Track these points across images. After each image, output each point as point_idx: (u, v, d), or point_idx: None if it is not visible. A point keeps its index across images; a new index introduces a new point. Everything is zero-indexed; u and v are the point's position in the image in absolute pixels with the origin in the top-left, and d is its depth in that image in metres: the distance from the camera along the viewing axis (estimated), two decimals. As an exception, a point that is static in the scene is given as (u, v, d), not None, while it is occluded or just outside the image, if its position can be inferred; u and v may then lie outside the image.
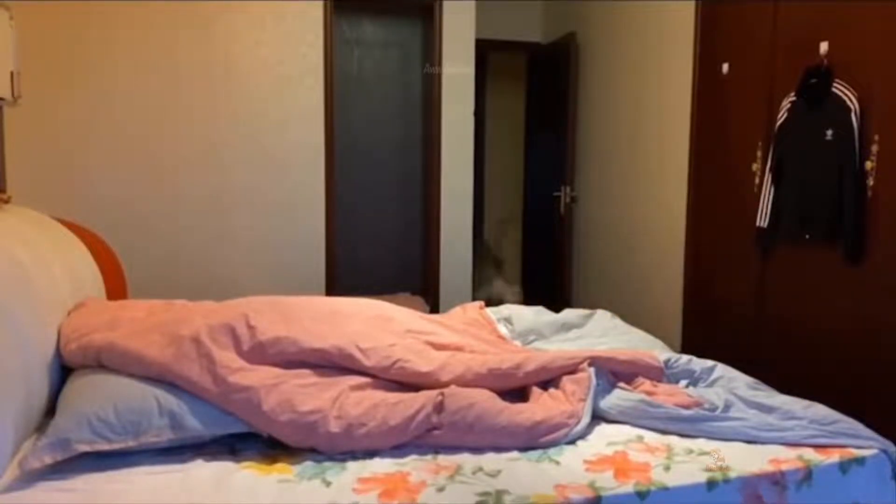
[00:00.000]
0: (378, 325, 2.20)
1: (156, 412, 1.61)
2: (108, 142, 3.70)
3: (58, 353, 1.86)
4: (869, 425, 1.84)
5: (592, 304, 3.59)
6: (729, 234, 3.31)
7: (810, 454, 1.70)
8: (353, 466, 1.60)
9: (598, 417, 1.90)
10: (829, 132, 2.63)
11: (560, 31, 5.30)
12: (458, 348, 2.17)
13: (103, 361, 1.79)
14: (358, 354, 1.94)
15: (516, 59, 6.26)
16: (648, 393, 1.98)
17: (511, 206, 6.50)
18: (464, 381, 1.93)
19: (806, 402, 1.94)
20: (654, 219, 4.05)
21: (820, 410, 1.89)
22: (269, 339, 1.91)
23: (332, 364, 1.93)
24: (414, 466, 1.61)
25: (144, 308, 2.17)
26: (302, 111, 4.03)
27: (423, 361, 1.98)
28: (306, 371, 1.88)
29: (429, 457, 1.67)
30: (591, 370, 1.99)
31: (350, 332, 2.05)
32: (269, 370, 1.83)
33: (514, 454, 1.69)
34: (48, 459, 1.46)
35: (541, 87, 5.63)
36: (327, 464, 1.61)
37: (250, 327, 1.92)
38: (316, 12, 3.99)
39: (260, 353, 1.88)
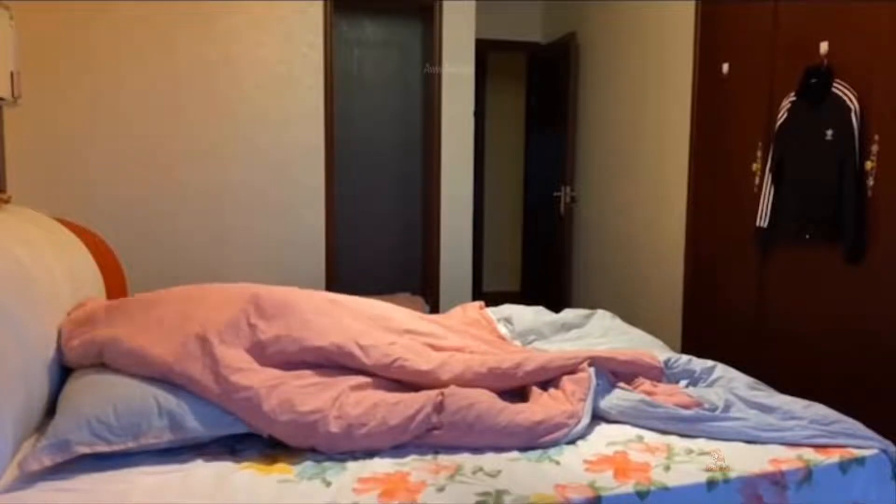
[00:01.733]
0: (378, 324, 2.20)
1: (155, 413, 1.61)
2: (108, 142, 3.70)
3: (58, 352, 1.86)
4: (869, 425, 1.84)
5: (592, 304, 3.59)
6: (729, 234, 3.31)
7: (810, 454, 1.70)
8: (353, 466, 1.60)
9: (598, 417, 1.89)
10: (829, 132, 2.63)
11: (560, 31, 5.30)
12: (458, 350, 2.17)
13: (105, 359, 1.79)
14: (358, 352, 1.95)
15: (516, 59, 6.27)
16: (648, 393, 1.98)
17: (511, 207, 6.51)
18: (463, 380, 1.93)
19: (806, 402, 1.94)
20: (654, 219, 4.05)
21: (820, 410, 1.89)
22: (270, 337, 1.91)
23: (331, 362, 1.93)
24: (414, 466, 1.61)
25: (145, 302, 2.14)
26: (302, 111, 4.03)
27: (423, 360, 1.99)
28: (307, 372, 1.89)
29: (429, 457, 1.67)
30: (591, 370, 1.99)
31: (350, 330, 2.05)
32: (270, 372, 1.83)
33: (514, 454, 1.69)
34: (48, 461, 1.46)
35: (541, 87, 5.63)
36: (327, 464, 1.61)
37: (251, 325, 1.93)
38: (316, 12, 3.99)
39: (260, 352, 1.89)
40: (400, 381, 1.96)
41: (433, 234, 4.50)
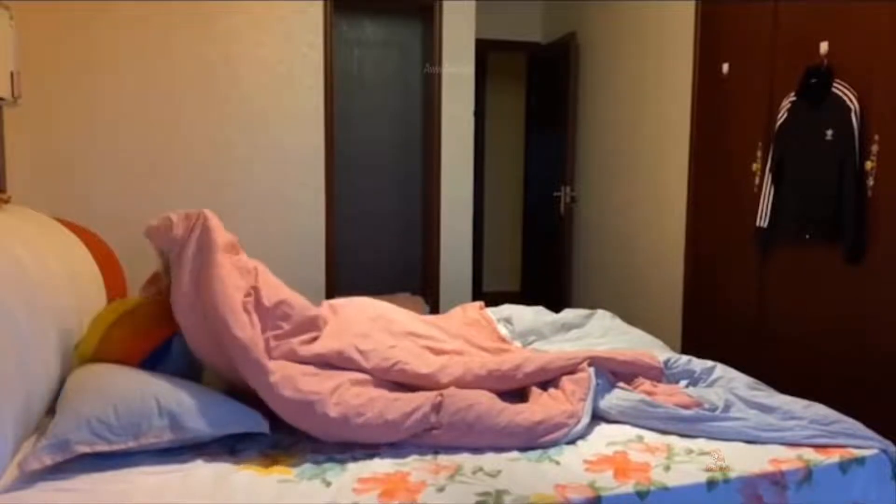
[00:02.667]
0: (379, 325, 2.20)
1: (155, 413, 1.61)
2: (108, 142, 3.70)
3: (57, 350, 1.85)
4: (869, 425, 1.84)
5: (592, 304, 3.59)
6: (729, 234, 3.31)
7: (810, 454, 1.71)
8: (353, 466, 1.60)
9: (598, 417, 1.90)
10: (829, 132, 2.63)
11: (560, 31, 5.30)
12: (457, 353, 2.18)
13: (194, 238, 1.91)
14: (357, 356, 1.96)
15: (516, 59, 6.27)
16: (648, 393, 1.98)
17: (511, 207, 6.51)
18: (463, 383, 1.94)
19: (806, 402, 1.94)
20: (654, 219, 4.05)
21: (820, 410, 1.89)
22: (272, 346, 1.93)
23: (331, 367, 1.95)
24: (414, 466, 1.61)
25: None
26: (302, 111, 4.02)
27: (423, 363, 1.99)
28: (309, 367, 1.90)
29: (429, 457, 1.67)
30: (591, 370, 1.99)
31: (349, 333, 2.06)
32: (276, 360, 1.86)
33: (514, 454, 1.69)
34: (48, 461, 1.46)
35: (541, 87, 5.63)
36: (327, 464, 1.61)
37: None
38: (316, 12, 3.99)
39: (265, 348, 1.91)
40: (400, 383, 1.96)
41: (433, 235, 4.50)
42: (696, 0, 3.56)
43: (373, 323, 2.24)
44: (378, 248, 5.01)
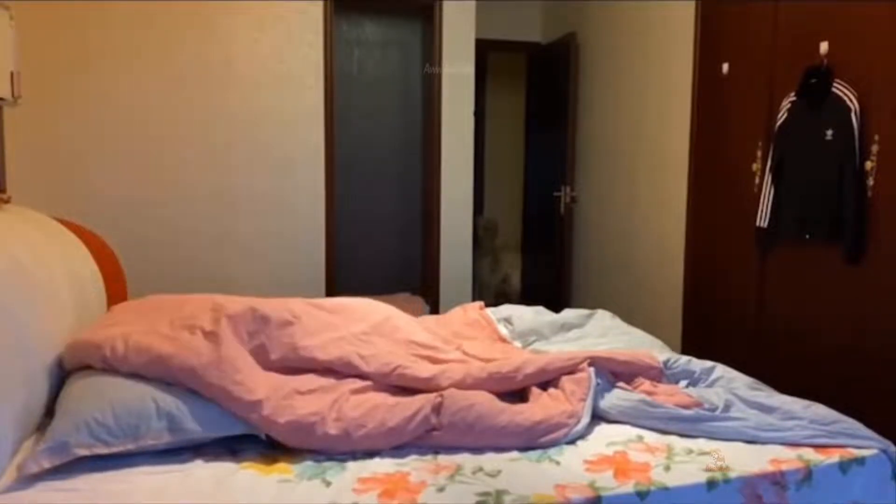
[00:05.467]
0: (380, 331, 2.20)
1: (154, 415, 1.61)
2: (109, 142, 3.70)
3: (57, 351, 1.85)
4: (869, 425, 1.85)
5: (592, 304, 3.58)
6: (729, 234, 3.31)
7: (810, 454, 1.71)
8: (353, 466, 1.60)
9: (598, 417, 1.90)
10: (829, 132, 2.63)
11: (560, 31, 5.30)
12: (460, 363, 2.17)
13: (111, 357, 1.76)
14: (358, 361, 1.96)
15: (516, 59, 6.26)
16: (648, 393, 1.98)
17: (511, 207, 6.50)
18: (463, 386, 1.93)
19: (806, 402, 1.94)
20: (654, 219, 4.05)
21: (820, 410, 1.89)
22: (275, 358, 1.94)
23: (333, 373, 1.94)
24: (414, 466, 1.61)
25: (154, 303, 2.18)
26: (302, 111, 4.03)
27: (423, 367, 2.00)
28: (310, 376, 1.90)
29: (429, 457, 1.67)
30: (591, 370, 1.99)
31: (352, 335, 2.06)
32: (271, 377, 1.85)
33: (514, 454, 1.69)
34: (47, 464, 1.46)
35: (541, 87, 5.63)
36: (327, 464, 1.61)
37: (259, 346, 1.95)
38: (316, 12, 3.99)
39: (264, 359, 1.90)
40: (401, 387, 1.96)
41: (433, 234, 4.50)
42: (696, 0, 3.56)
43: (375, 327, 2.23)
44: (378, 247, 5.01)
